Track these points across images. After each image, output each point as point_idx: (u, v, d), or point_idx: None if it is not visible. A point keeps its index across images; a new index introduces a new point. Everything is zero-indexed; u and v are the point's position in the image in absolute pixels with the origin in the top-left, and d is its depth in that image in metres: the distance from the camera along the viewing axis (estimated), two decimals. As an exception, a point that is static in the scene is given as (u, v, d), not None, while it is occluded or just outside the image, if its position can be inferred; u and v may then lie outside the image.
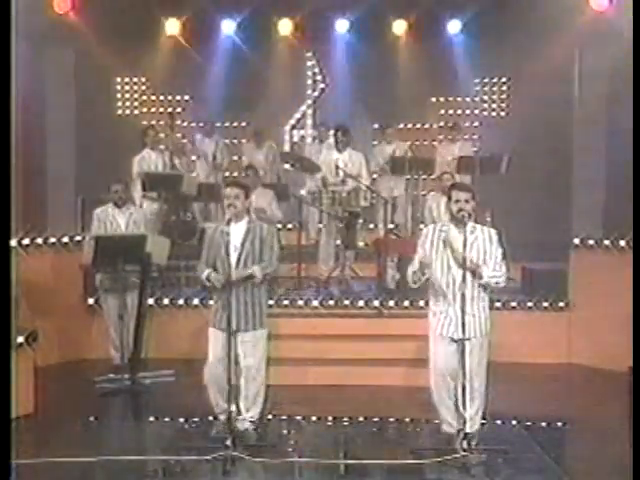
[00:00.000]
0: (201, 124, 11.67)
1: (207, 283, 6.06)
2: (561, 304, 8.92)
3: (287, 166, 11.19)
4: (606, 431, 6.45)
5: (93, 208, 8.45)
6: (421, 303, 8.18)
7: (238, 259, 5.91)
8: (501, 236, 5.91)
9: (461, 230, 5.69)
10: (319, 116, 12.80)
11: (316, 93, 12.98)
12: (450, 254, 5.71)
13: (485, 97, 12.63)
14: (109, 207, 8.18)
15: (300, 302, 8.96)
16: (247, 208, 6.13)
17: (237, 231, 5.90)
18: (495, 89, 12.61)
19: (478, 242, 5.76)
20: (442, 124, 12.45)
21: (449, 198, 5.81)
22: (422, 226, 8.50)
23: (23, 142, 9.13)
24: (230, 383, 5.78)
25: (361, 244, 10.37)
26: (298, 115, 13.02)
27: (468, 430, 5.71)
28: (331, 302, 8.97)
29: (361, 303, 8.95)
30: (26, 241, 8.36)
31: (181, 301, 8.91)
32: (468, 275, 5.65)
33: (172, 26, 11.99)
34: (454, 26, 12.13)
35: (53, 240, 8.67)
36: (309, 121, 13.03)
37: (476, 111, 12.52)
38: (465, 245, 5.61)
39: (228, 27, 12.15)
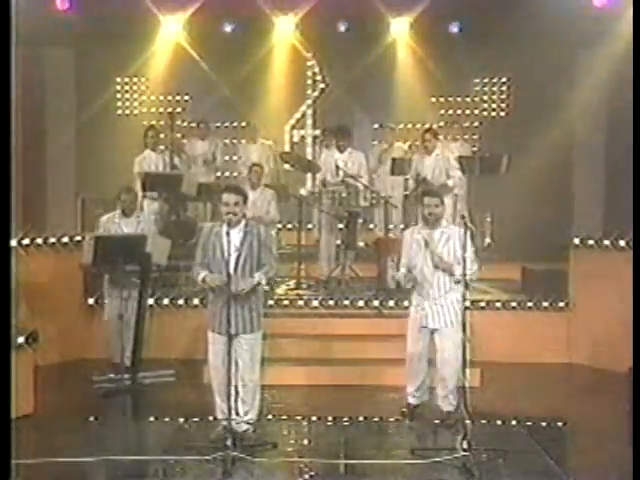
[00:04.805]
0: (193, 125, 11.56)
1: (204, 285, 6.01)
2: (561, 304, 8.90)
3: (287, 166, 11.18)
4: (606, 431, 6.45)
5: (93, 208, 8.44)
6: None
7: (237, 262, 5.89)
8: (473, 234, 6.51)
9: (434, 231, 6.35)
10: (319, 117, 12.79)
11: (316, 93, 12.97)
12: (428, 254, 6.34)
13: (485, 97, 12.63)
14: (116, 216, 8.06)
15: (300, 302, 8.97)
16: (244, 213, 6.11)
17: (234, 235, 5.87)
18: (495, 89, 12.60)
19: (450, 242, 6.34)
20: (442, 124, 12.45)
21: (421, 204, 6.44)
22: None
23: (23, 142, 9.13)
24: (229, 386, 5.77)
25: (361, 244, 10.36)
26: (298, 115, 13.02)
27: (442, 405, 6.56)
28: (331, 302, 8.97)
29: (361, 303, 8.96)
30: (26, 241, 8.34)
31: (181, 301, 8.90)
32: (441, 272, 6.32)
33: (172, 26, 11.99)
34: (454, 26, 12.13)
35: (53, 240, 8.65)
36: (309, 121, 13.02)
37: (476, 111, 12.51)
38: (437, 245, 6.28)
39: (227, 27, 12.17)
